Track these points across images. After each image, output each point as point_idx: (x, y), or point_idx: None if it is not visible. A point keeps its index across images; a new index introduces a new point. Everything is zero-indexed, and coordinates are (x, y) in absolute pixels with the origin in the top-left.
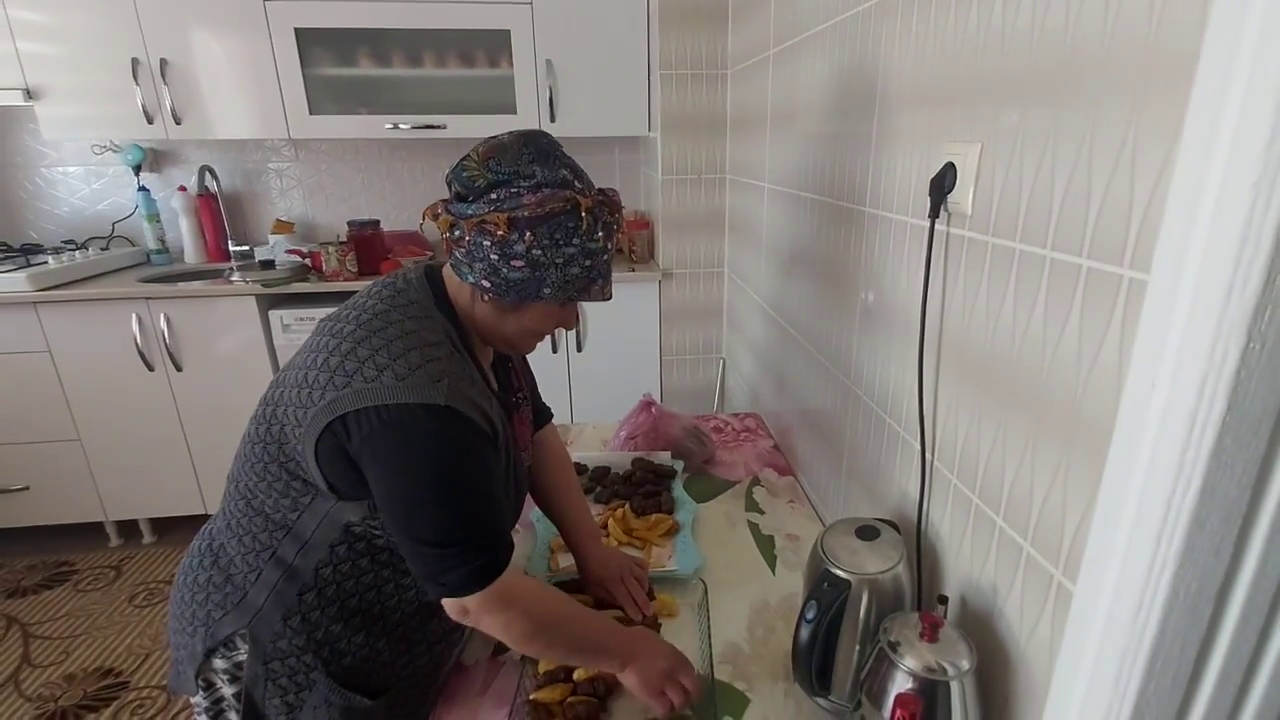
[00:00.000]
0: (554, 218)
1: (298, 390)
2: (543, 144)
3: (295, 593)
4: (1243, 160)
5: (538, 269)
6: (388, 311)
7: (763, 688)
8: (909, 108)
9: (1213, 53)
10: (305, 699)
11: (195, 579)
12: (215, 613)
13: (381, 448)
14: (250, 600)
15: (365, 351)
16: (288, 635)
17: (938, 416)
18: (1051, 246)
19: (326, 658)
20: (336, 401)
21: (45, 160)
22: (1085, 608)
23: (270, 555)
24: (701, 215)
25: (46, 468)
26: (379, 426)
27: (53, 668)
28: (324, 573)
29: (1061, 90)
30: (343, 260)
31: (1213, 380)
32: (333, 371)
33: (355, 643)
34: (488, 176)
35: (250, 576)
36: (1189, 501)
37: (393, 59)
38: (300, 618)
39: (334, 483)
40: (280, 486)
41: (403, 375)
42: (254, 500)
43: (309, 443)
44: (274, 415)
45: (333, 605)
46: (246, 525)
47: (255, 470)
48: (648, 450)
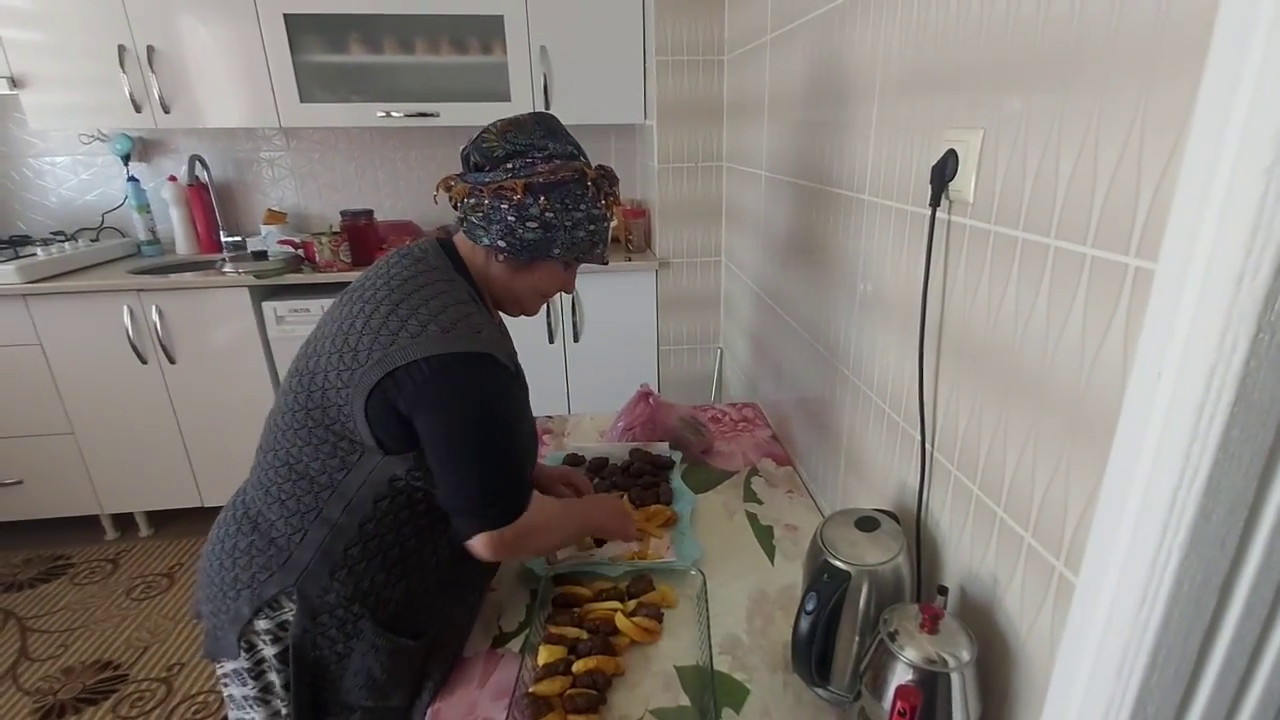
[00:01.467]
0: (564, 184)
1: (339, 356)
2: (552, 123)
3: (341, 549)
4: (1255, 145)
5: (549, 230)
6: (415, 277)
7: (762, 678)
8: (909, 93)
9: (1225, 35)
10: (354, 646)
11: (234, 545)
12: (260, 575)
13: (435, 394)
14: (296, 560)
15: (405, 310)
16: (335, 589)
17: (938, 406)
18: (1055, 235)
19: (373, 606)
20: (386, 358)
21: (32, 150)
22: (1088, 599)
23: (316, 516)
24: (698, 204)
25: (40, 461)
26: (430, 375)
27: (50, 661)
28: (368, 528)
29: (1067, 75)
30: (336, 250)
31: (1221, 370)
32: (375, 333)
33: (398, 590)
34: (505, 147)
35: (295, 538)
36: (1195, 493)
37: (384, 45)
38: (347, 570)
39: (382, 438)
40: (327, 449)
41: (447, 328)
42: (297, 465)
43: (358, 402)
44: (313, 384)
45: (376, 557)
46: (290, 490)
47: (300, 436)
48: (645, 441)
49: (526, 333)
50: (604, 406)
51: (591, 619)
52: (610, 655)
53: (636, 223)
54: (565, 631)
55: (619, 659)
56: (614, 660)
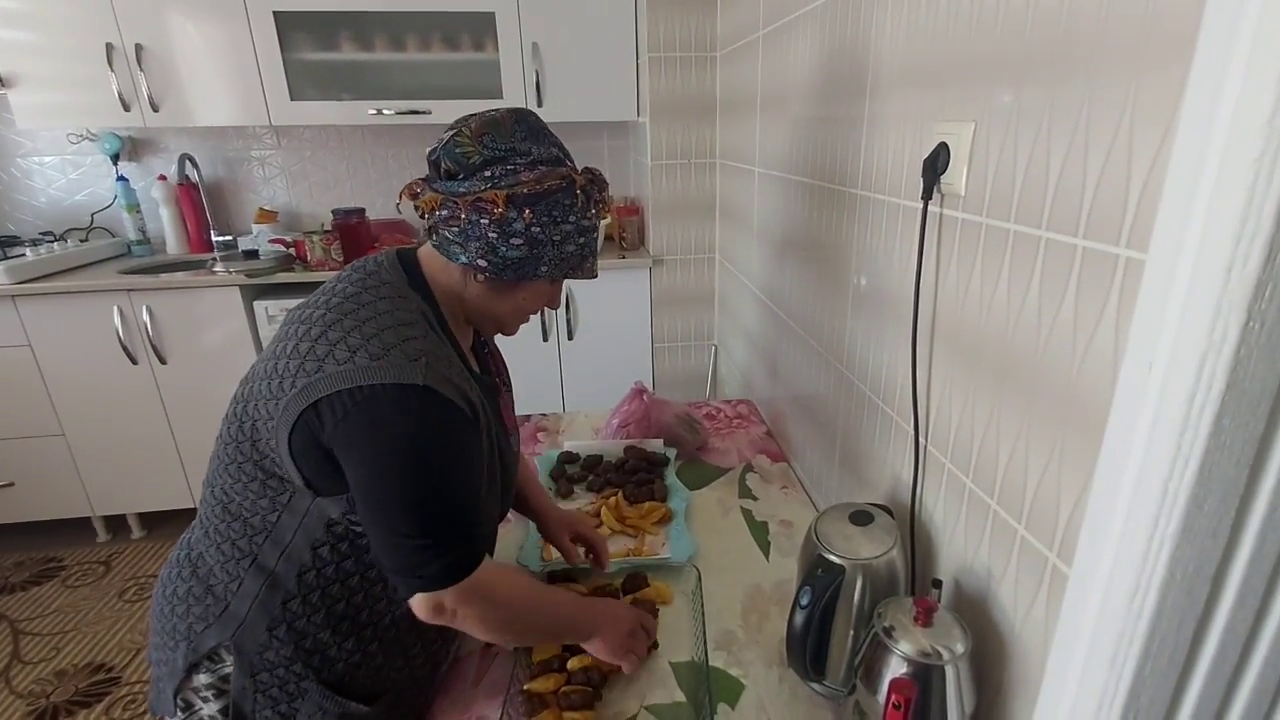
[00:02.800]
0: (551, 195)
1: (267, 383)
2: (533, 122)
3: (279, 601)
4: (1244, 135)
5: (536, 246)
6: (358, 294)
7: (757, 673)
8: (901, 87)
9: (1213, 26)
10: (299, 708)
11: (175, 590)
12: (197, 625)
13: (357, 430)
14: (233, 611)
15: (336, 334)
16: (274, 646)
17: (931, 400)
18: (1047, 227)
19: (317, 666)
20: (309, 388)
21: (20, 150)
22: (1081, 589)
23: (251, 563)
24: (692, 200)
25: (31, 464)
26: (353, 409)
27: (43, 664)
28: (308, 578)
29: (1057, 68)
30: (328, 249)
31: (1212, 359)
32: (303, 358)
33: (346, 649)
34: (483, 153)
35: (231, 586)
36: (1187, 482)
37: (375, 43)
38: (286, 627)
39: (310, 477)
40: (256, 487)
41: (377, 355)
42: (230, 505)
43: (282, 435)
44: (244, 412)
45: (319, 612)
46: (225, 532)
47: (230, 472)
48: (640, 438)
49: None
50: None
51: None
52: None
53: (630, 220)
54: None
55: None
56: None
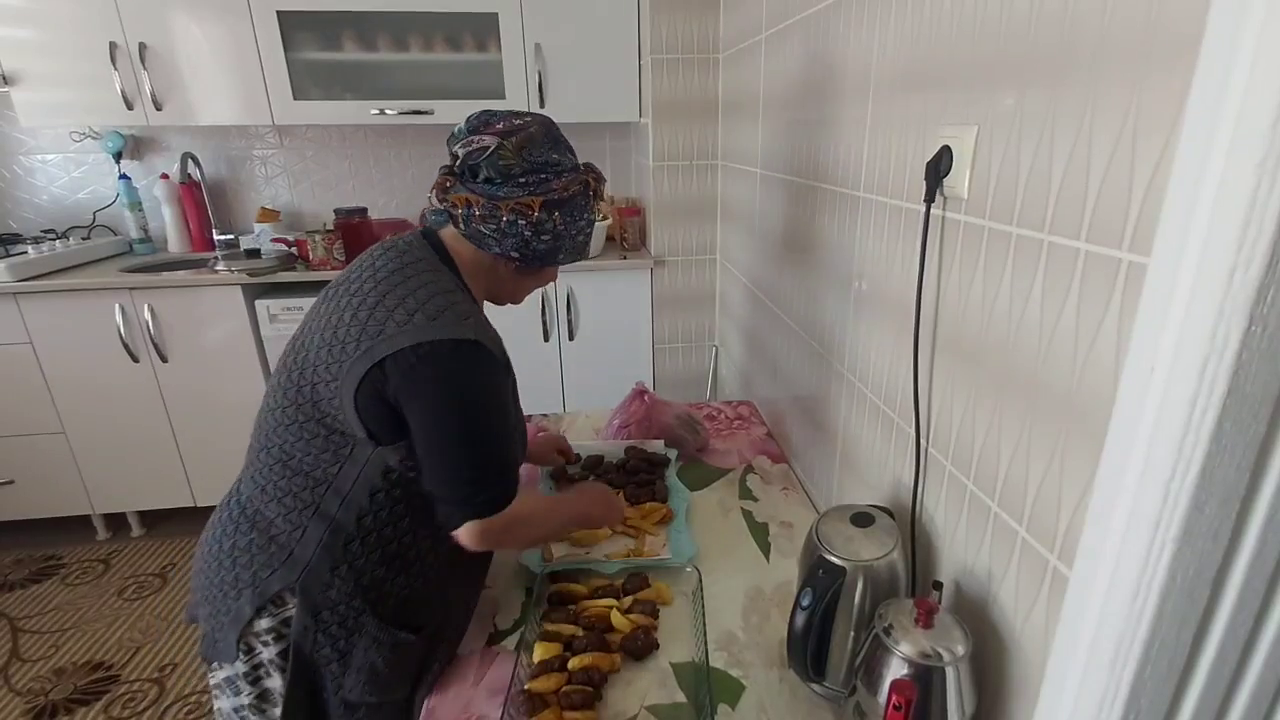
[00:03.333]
0: (574, 199)
1: (327, 350)
2: (555, 133)
3: (341, 544)
4: (1247, 141)
5: (559, 240)
6: (401, 269)
7: (758, 674)
8: (904, 90)
9: (1217, 31)
10: (355, 643)
11: (234, 545)
12: (262, 572)
13: (422, 381)
14: (297, 556)
15: (392, 301)
16: (336, 584)
17: (932, 402)
18: (1049, 230)
19: (374, 600)
20: (373, 348)
21: (23, 148)
22: (1082, 592)
23: (314, 511)
24: (693, 202)
25: (31, 461)
26: (417, 363)
27: (42, 662)
28: (365, 522)
29: (1060, 72)
30: (330, 249)
31: (1214, 363)
32: (363, 325)
33: (398, 584)
34: (522, 164)
35: (295, 534)
36: (1188, 485)
37: (378, 43)
38: (347, 566)
39: (372, 429)
40: (319, 443)
41: (433, 316)
42: (291, 461)
43: (347, 394)
44: (302, 378)
45: (375, 551)
46: (286, 487)
47: (292, 432)
48: (641, 439)
49: (522, 330)
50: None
51: (587, 616)
52: (606, 652)
53: (632, 221)
54: (561, 628)
55: (614, 656)
56: (609, 657)
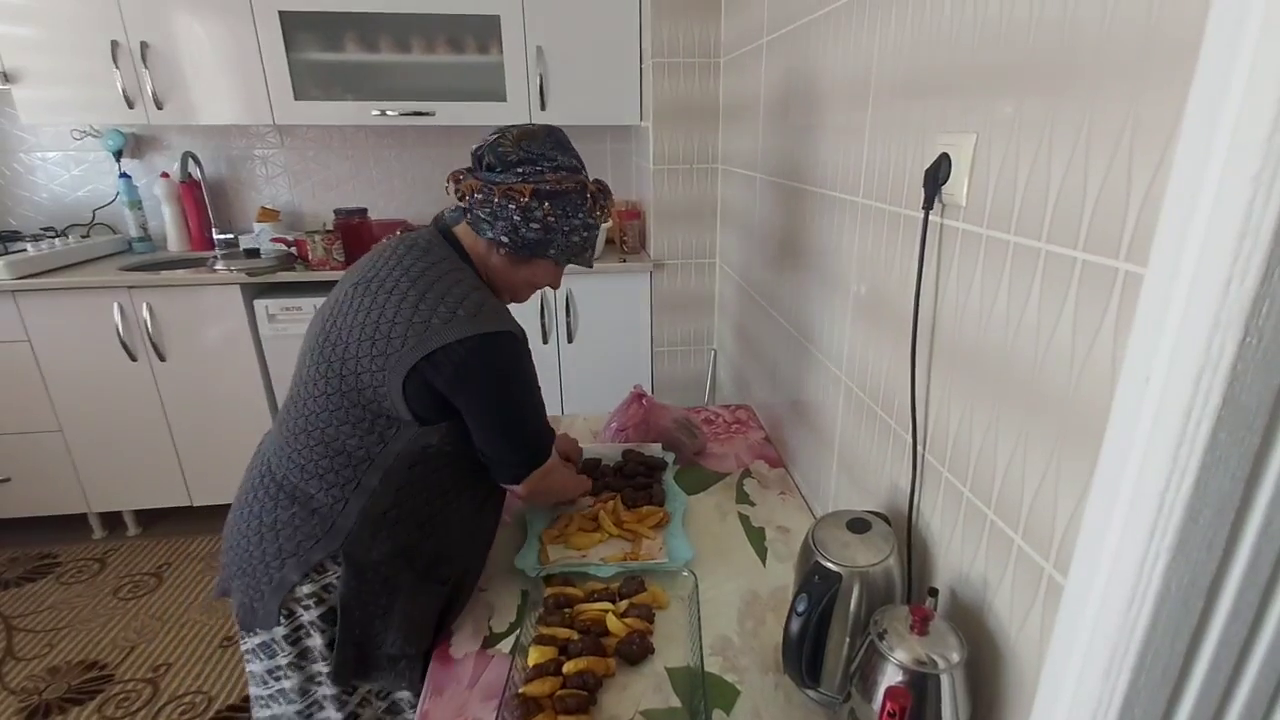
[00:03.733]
0: (567, 194)
1: (371, 344)
2: (560, 137)
3: (381, 512)
4: (1243, 152)
5: (549, 232)
6: (431, 268)
7: (753, 679)
8: (903, 97)
9: (1214, 42)
10: (395, 600)
11: (275, 519)
12: (306, 543)
13: (474, 371)
14: (339, 527)
15: (433, 299)
16: (377, 548)
17: (929, 409)
18: (1047, 239)
19: (410, 557)
20: (422, 343)
21: (23, 145)
22: (1076, 600)
23: (356, 486)
24: (693, 205)
25: (28, 459)
26: (466, 356)
27: (36, 660)
28: (403, 492)
29: (1059, 81)
30: (329, 249)
31: (1209, 374)
32: (408, 321)
33: (430, 543)
34: (518, 153)
35: (337, 507)
36: (1183, 495)
37: (380, 44)
38: (386, 531)
39: (419, 413)
40: (365, 425)
41: (474, 312)
42: (334, 443)
43: (395, 383)
44: (344, 369)
45: (410, 517)
46: (328, 465)
47: (337, 417)
48: (638, 442)
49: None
50: (597, 407)
51: (583, 620)
52: (601, 656)
53: (631, 224)
54: (556, 632)
55: (610, 660)
56: (605, 661)
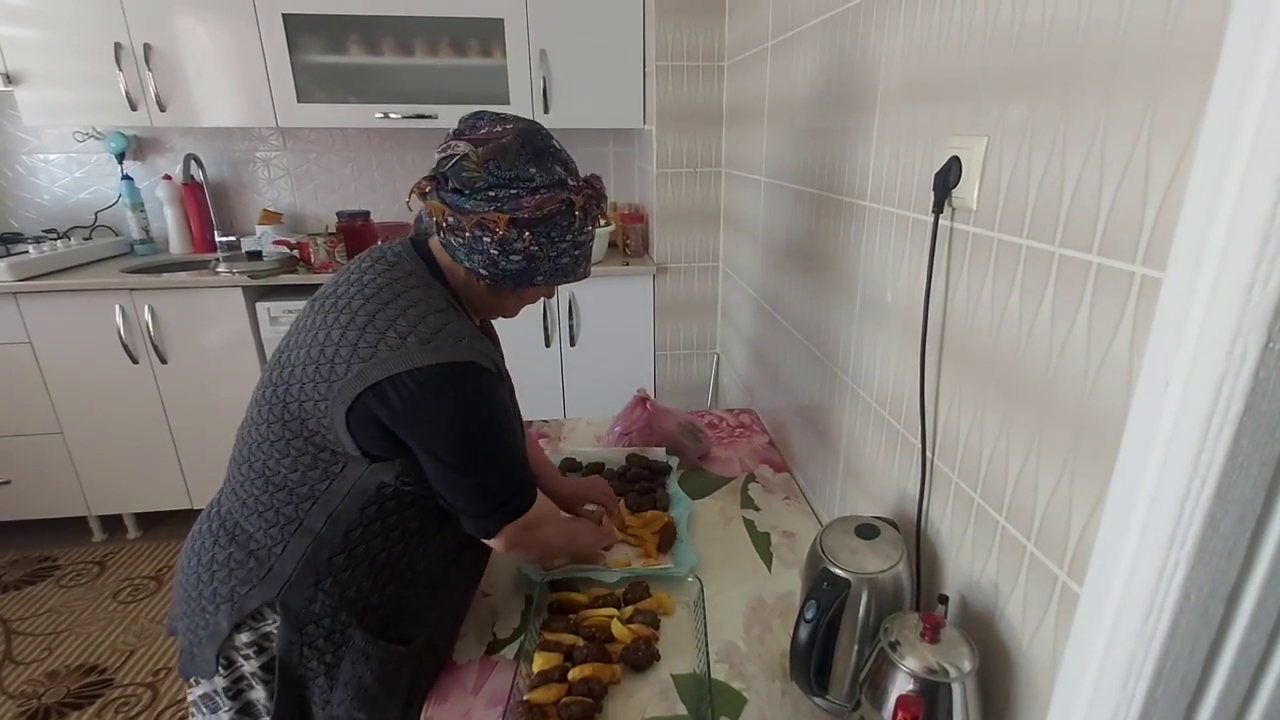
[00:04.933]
0: (551, 219)
1: (315, 368)
2: (538, 143)
3: (325, 557)
4: (1266, 153)
5: (533, 261)
6: (391, 285)
7: (760, 687)
8: (912, 101)
9: (1236, 41)
10: (343, 655)
11: (213, 559)
12: (240, 588)
13: (424, 409)
14: (278, 571)
15: (383, 322)
16: (320, 599)
17: (939, 414)
18: (1060, 243)
19: (360, 612)
20: (365, 372)
21: (26, 147)
22: (1092, 609)
23: (297, 526)
24: (697, 209)
25: (28, 461)
26: (417, 390)
27: (35, 664)
28: (353, 535)
29: (1072, 84)
30: (331, 251)
31: (1230, 380)
32: (354, 345)
33: (386, 595)
34: (487, 179)
35: (275, 549)
36: (1203, 503)
37: (383, 47)
38: (331, 579)
39: (366, 448)
40: (307, 460)
41: (427, 339)
42: (274, 477)
43: (338, 414)
44: (287, 395)
45: (362, 564)
46: (268, 502)
47: (278, 449)
48: (642, 446)
49: (522, 336)
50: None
51: (588, 626)
52: (606, 663)
53: (634, 228)
54: (561, 638)
55: (615, 667)
56: (610, 668)
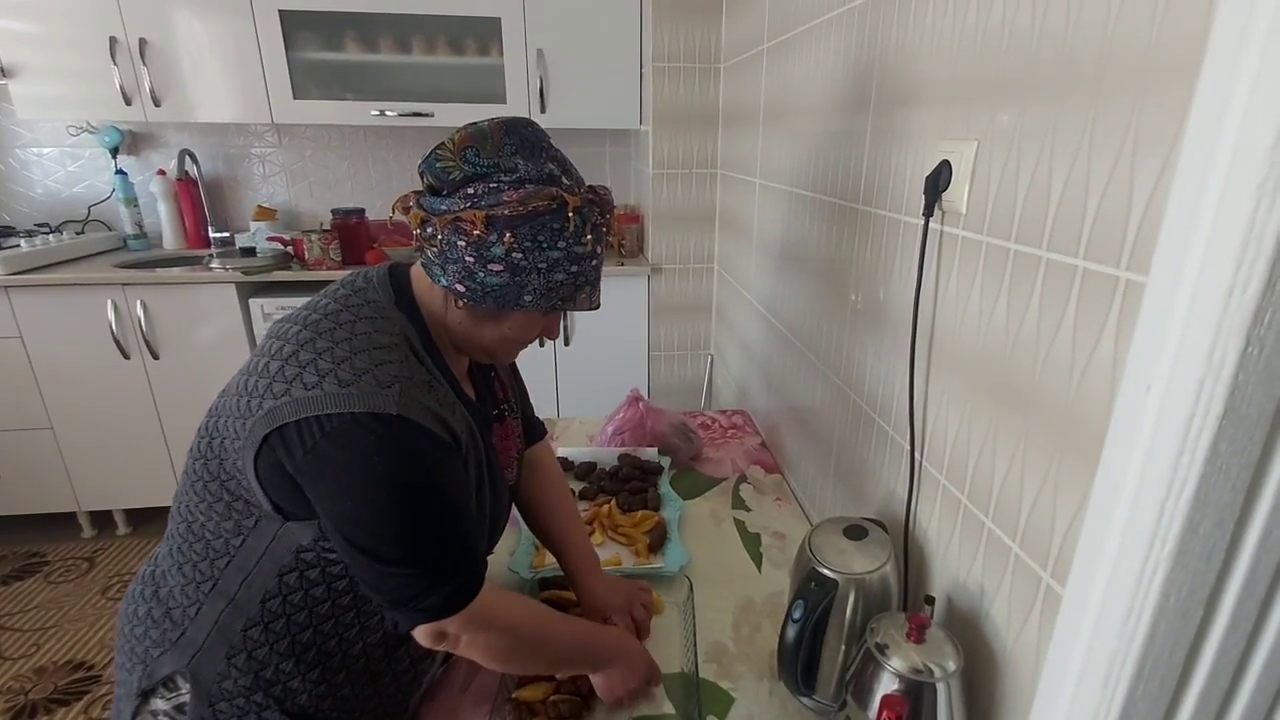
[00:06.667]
0: (537, 217)
1: (238, 399)
2: (527, 134)
3: (240, 628)
4: (1247, 160)
5: (518, 274)
6: (339, 312)
7: (747, 686)
8: (904, 104)
9: (1218, 52)
10: None
11: (135, 610)
12: (154, 650)
13: (328, 464)
14: (190, 637)
15: (307, 355)
16: (233, 675)
17: (927, 416)
18: (1047, 247)
19: (279, 696)
20: (274, 412)
21: (19, 141)
22: (1074, 610)
23: (211, 587)
24: (692, 210)
25: (17, 456)
26: (322, 440)
27: (22, 660)
28: (271, 605)
29: (1060, 88)
30: (326, 249)
31: (1210, 384)
32: (272, 377)
33: (310, 679)
34: (464, 169)
35: (189, 611)
36: (1183, 505)
37: (380, 44)
38: (245, 655)
39: (278, 502)
40: (221, 508)
41: (347, 381)
42: (194, 525)
43: (248, 458)
44: (216, 428)
45: (282, 640)
46: (187, 553)
47: (196, 490)
48: (635, 446)
49: None
50: (593, 411)
51: None
52: None
53: (630, 228)
54: None
55: None
56: None
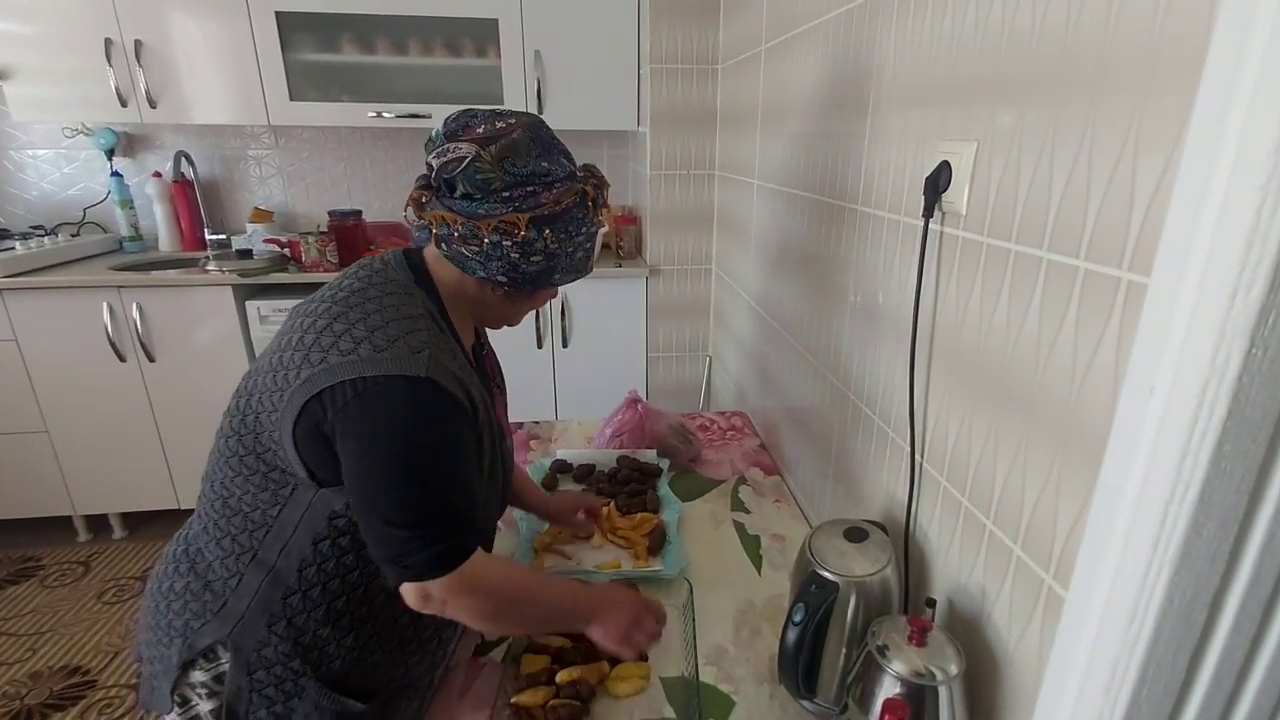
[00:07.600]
0: (569, 213)
1: (271, 376)
2: (544, 135)
3: (279, 597)
4: (1250, 160)
5: (552, 260)
6: (364, 289)
7: (748, 689)
8: (904, 105)
9: (1220, 53)
10: (294, 707)
11: (171, 586)
12: (194, 622)
13: (355, 419)
14: (231, 608)
15: (341, 326)
16: (273, 642)
17: (928, 418)
18: (1048, 248)
19: (315, 662)
20: (313, 378)
21: (14, 143)
22: (1077, 613)
23: (251, 558)
24: (690, 211)
25: (12, 460)
26: (354, 399)
27: (18, 665)
28: (308, 574)
29: (1061, 90)
30: (323, 251)
31: (1214, 386)
32: (308, 349)
33: (345, 645)
34: (504, 178)
35: (230, 582)
36: (1187, 507)
37: (377, 46)
38: (285, 623)
39: (314, 469)
40: (258, 480)
41: (381, 347)
42: (231, 499)
43: (286, 427)
44: (248, 406)
45: (319, 608)
46: (225, 527)
47: (231, 465)
48: (633, 448)
49: (515, 338)
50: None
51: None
52: (594, 665)
53: (627, 230)
54: (549, 640)
55: (603, 664)
56: (598, 668)
